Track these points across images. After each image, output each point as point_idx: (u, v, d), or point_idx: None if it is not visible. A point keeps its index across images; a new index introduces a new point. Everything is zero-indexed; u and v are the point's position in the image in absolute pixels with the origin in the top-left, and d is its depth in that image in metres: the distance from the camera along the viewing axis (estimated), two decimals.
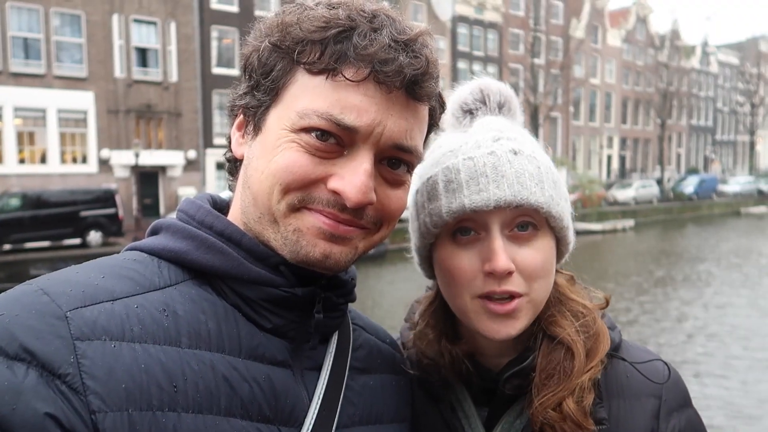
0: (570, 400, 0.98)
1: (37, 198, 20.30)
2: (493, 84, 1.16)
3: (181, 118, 28.80)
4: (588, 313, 1.07)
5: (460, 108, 1.16)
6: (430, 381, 1.14)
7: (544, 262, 1.01)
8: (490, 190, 0.98)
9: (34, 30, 25.55)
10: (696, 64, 60.40)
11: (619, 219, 34.66)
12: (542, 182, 1.01)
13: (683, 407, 1.06)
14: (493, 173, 0.99)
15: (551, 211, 1.00)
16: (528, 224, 1.01)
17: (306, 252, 0.83)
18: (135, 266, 0.83)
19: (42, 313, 0.71)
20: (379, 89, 0.81)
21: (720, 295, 15.63)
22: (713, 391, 8.64)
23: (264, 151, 0.85)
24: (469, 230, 1.02)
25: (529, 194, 0.98)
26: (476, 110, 1.15)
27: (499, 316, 1.00)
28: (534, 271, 1.00)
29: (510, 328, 1.00)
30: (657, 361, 1.07)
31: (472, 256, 1.00)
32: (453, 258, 1.03)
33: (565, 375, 1.00)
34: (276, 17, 0.86)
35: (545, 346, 1.04)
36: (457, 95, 1.17)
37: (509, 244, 0.99)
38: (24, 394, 0.65)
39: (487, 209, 0.98)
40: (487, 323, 1.01)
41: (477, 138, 1.06)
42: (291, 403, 0.84)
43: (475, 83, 1.16)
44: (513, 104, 1.16)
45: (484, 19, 42.29)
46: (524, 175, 0.99)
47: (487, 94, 1.15)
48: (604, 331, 1.06)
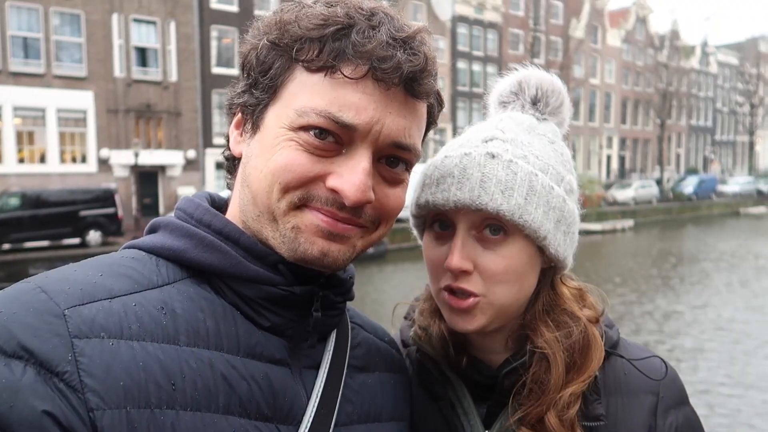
0: (551, 415, 0.98)
1: (36, 197, 20.28)
2: (534, 77, 1.14)
3: (181, 118, 28.79)
4: (574, 324, 1.05)
5: (497, 99, 1.16)
6: (429, 378, 1.15)
7: (507, 268, 1.01)
8: (452, 191, 1.00)
9: (33, 29, 25.53)
10: (695, 65, 60.42)
11: (619, 219, 34.65)
12: (511, 189, 0.99)
13: (680, 404, 1.06)
14: (459, 174, 1.01)
15: (515, 220, 0.99)
16: (500, 229, 1.01)
17: (304, 250, 0.83)
18: (133, 264, 0.83)
19: (40, 311, 0.71)
20: (377, 87, 0.81)
21: (719, 296, 15.63)
22: (711, 394, 8.64)
23: (263, 150, 0.85)
24: (447, 225, 1.05)
25: (489, 200, 0.98)
26: (509, 103, 1.14)
27: (457, 310, 1.03)
28: (493, 274, 1.01)
29: (467, 323, 1.03)
30: (654, 358, 1.08)
31: (443, 249, 1.04)
32: (428, 249, 1.08)
33: (544, 388, 1.00)
34: (274, 15, 0.86)
35: (534, 354, 1.04)
36: (498, 86, 1.16)
37: (475, 245, 1.02)
38: (22, 392, 0.65)
39: (446, 209, 1.01)
40: (449, 314, 1.06)
41: (471, 136, 1.08)
42: (289, 401, 0.84)
43: (518, 74, 1.15)
44: (552, 100, 1.13)
45: (483, 19, 42.30)
46: (490, 181, 0.99)
47: (523, 87, 1.13)
48: (595, 343, 1.04)
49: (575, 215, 1.09)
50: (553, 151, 1.08)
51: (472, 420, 1.08)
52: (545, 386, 1.01)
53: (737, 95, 65.07)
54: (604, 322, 1.10)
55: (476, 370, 1.11)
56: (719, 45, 69.27)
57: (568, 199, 1.07)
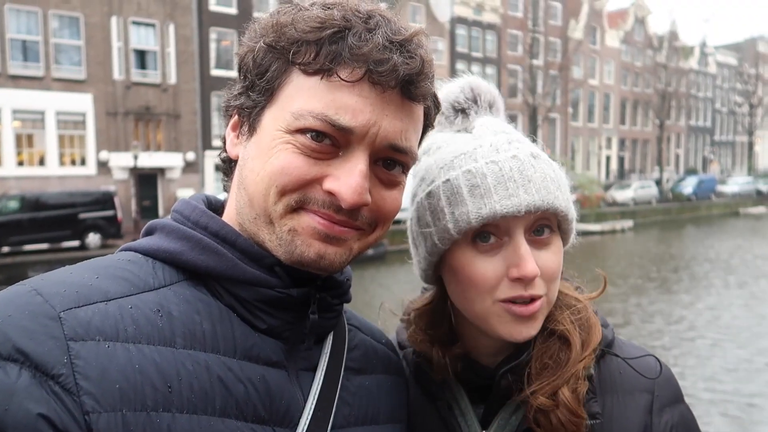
0: (565, 389, 1.00)
1: (35, 200, 20.26)
2: (482, 83, 1.17)
3: (180, 120, 28.78)
4: (579, 305, 1.09)
5: (451, 106, 1.15)
6: (426, 379, 1.15)
7: (559, 264, 1.04)
8: (520, 195, 0.97)
9: (32, 32, 25.53)
10: (694, 65, 60.46)
11: (618, 220, 34.67)
12: (561, 186, 1.03)
13: (675, 403, 1.07)
14: (520, 178, 0.99)
15: (568, 215, 1.03)
16: (544, 227, 1.02)
17: (300, 252, 0.83)
18: (129, 267, 0.83)
19: (35, 314, 0.70)
20: (373, 89, 0.81)
21: (718, 297, 15.62)
22: (709, 395, 8.63)
23: (259, 152, 0.85)
24: (488, 236, 1.00)
25: (554, 198, 0.99)
26: (468, 109, 1.14)
27: (522, 318, 1.00)
28: (553, 273, 1.02)
29: (531, 329, 1.02)
30: (649, 357, 1.08)
31: (496, 261, 1.00)
32: (475, 264, 1.01)
33: (561, 365, 1.02)
34: (271, 18, 0.86)
35: (540, 340, 1.06)
36: (447, 93, 1.15)
37: (531, 249, 1.00)
38: (16, 394, 0.65)
39: (519, 215, 0.97)
40: (509, 326, 1.01)
41: (491, 140, 1.05)
42: (286, 403, 0.84)
43: (464, 81, 1.16)
44: (499, 104, 1.17)
45: (482, 20, 42.32)
46: (547, 179, 1.01)
47: (478, 93, 1.15)
48: (596, 322, 1.09)
49: None
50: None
51: (469, 420, 1.08)
52: (562, 362, 1.03)
53: (736, 95, 65.09)
54: (599, 321, 1.11)
55: (473, 372, 1.11)
56: (718, 45, 69.33)
57: None
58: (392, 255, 21.43)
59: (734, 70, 65.80)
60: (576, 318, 1.07)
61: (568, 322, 1.06)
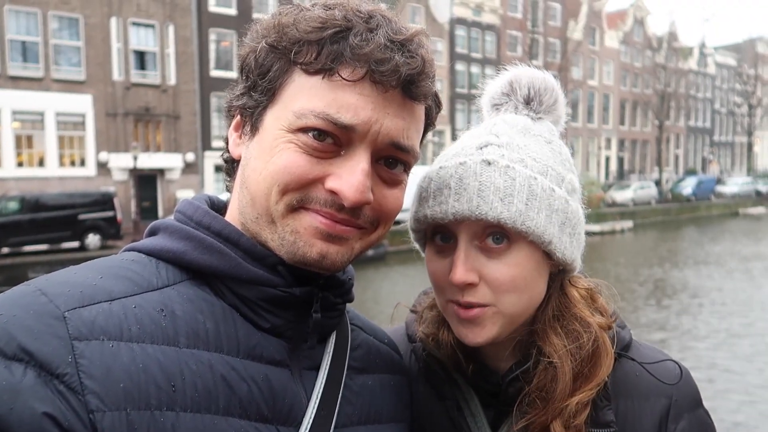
0: (557, 424, 0.97)
1: (35, 201, 20.25)
2: (525, 75, 1.11)
3: (180, 121, 28.78)
4: (585, 333, 1.02)
5: (490, 102, 1.13)
6: (436, 378, 1.13)
7: (513, 277, 0.98)
8: (449, 203, 0.98)
9: (32, 33, 25.54)
10: (693, 66, 60.49)
11: (618, 220, 34.64)
12: (510, 196, 0.96)
13: (694, 408, 1.04)
14: (456, 185, 0.99)
15: (517, 227, 0.96)
16: (503, 237, 0.98)
17: (303, 252, 0.83)
18: (133, 267, 0.83)
19: (40, 314, 0.71)
20: (375, 89, 0.81)
21: (716, 297, 15.63)
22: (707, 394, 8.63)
23: (261, 152, 0.85)
24: (448, 237, 1.02)
25: (489, 209, 0.95)
26: (501, 105, 1.12)
27: (464, 321, 1.01)
28: (500, 284, 0.98)
29: (476, 335, 1.00)
30: (668, 362, 1.05)
31: (445, 262, 1.02)
32: (431, 262, 1.06)
33: (549, 397, 0.99)
34: (272, 18, 0.86)
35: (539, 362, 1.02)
36: (489, 89, 1.14)
37: (478, 255, 0.99)
38: (22, 393, 0.65)
39: (445, 221, 0.99)
40: (457, 327, 1.03)
41: (465, 143, 1.06)
42: (289, 402, 0.84)
43: (508, 74, 1.12)
44: (545, 98, 1.10)
45: (481, 21, 42.35)
46: (488, 189, 0.97)
47: (514, 88, 1.11)
48: (605, 352, 1.01)
49: (580, 215, 1.06)
50: (551, 151, 1.06)
51: (479, 422, 1.07)
52: (550, 395, 0.98)
53: (735, 96, 65.11)
54: (616, 323, 1.07)
55: (483, 376, 1.09)
56: (717, 46, 69.39)
57: (571, 200, 1.04)
58: (393, 255, 21.43)
59: (733, 71, 65.83)
60: (575, 347, 1.01)
61: (562, 349, 1.00)
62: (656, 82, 50.80)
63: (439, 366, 1.13)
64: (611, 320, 1.07)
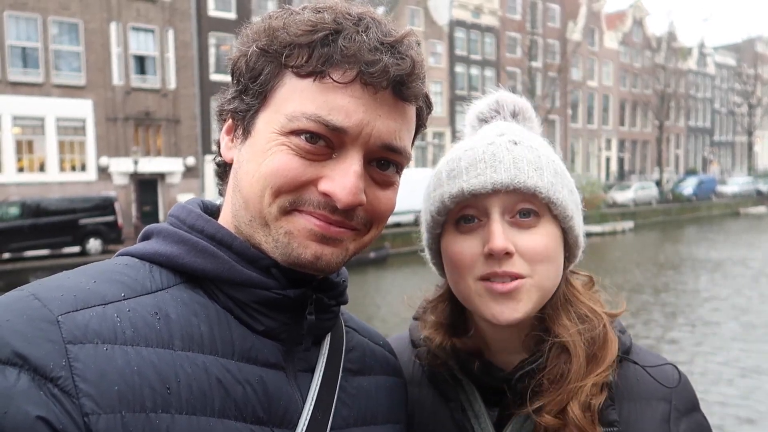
0: (574, 405, 0.98)
1: (36, 206, 20.28)
2: (509, 96, 1.19)
3: (180, 125, 28.82)
4: (595, 318, 1.06)
5: (476, 118, 1.19)
6: (440, 380, 1.14)
7: (546, 247, 1.02)
8: (487, 174, 1.01)
9: (32, 39, 25.59)
10: (693, 66, 60.50)
11: (619, 221, 34.64)
12: (541, 169, 1.02)
13: (692, 411, 1.06)
14: (491, 159, 1.02)
15: (551, 197, 1.01)
16: (530, 212, 1.02)
17: (297, 254, 0.84)
18: (127, 271, 0.84)
19: (33, 318, 0.71)
20: (366, 90, 0.82)
21: (715, 297, 15.60)
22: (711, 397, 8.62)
23: (254, 155, 0.85)
24: (472, 218, 1.04)
25: (527, 178, 1.00)
26: (491, 119, 1.17)
27: (501, 296, 1.00)
28: (536, 254, 1.01)
29: (513, 310, 1.00)
30: (667, 366, 1.07)
31: (474, 240, 1.03)
32: (456, 244, 1.05)
33: (565, 378, 1.00)
34: (263, 22, 0.87)
35: (553, 348, 1.04)
36: (475, 107, 1.20)
37: (510, 229, 1.01)
38: (15, 398, 0.65)
39: (484, 192, 1.00)
40: (489, 305, 1.01)
41: (482, 134, 1.11)
42: (284, 404, 0.85)
43: (492, 96, 1.20)
44: (528, 114, 1.19)
45: (481, 23, 42.37)
46: (522, 161, 1.02)
47: (501, 104, 1.18)
48: (612, 338, 1.05)
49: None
50: (551, 150, 1.11)
51: (483, 424, 1.07)
52: (566, 376, 1.00)
53: (735, 96, 65.02)
54: (616, 327, 1.10)
55: (488, 374, 1.10)
56: (716, 46, 69.38)
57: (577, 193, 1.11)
58: (394, 258, 21.43)
59: (733, 71, 65.78)
60: (586, 329, 1.04)
61: (574, 331, 1.03)
62: (656, 82, 50.79)
63: (443, 367, 1.14)
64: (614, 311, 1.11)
